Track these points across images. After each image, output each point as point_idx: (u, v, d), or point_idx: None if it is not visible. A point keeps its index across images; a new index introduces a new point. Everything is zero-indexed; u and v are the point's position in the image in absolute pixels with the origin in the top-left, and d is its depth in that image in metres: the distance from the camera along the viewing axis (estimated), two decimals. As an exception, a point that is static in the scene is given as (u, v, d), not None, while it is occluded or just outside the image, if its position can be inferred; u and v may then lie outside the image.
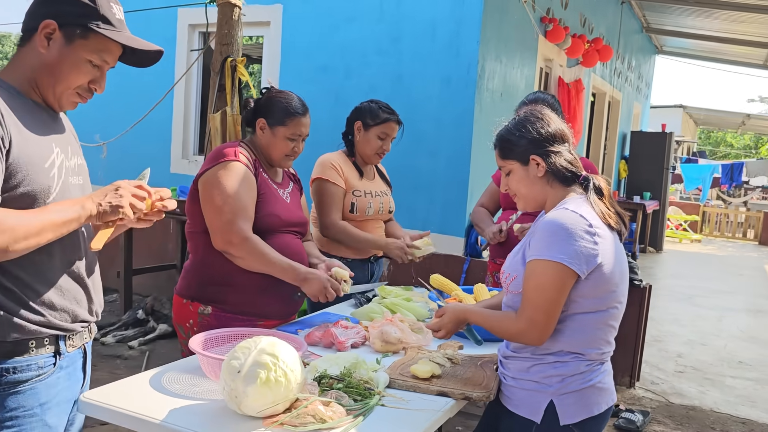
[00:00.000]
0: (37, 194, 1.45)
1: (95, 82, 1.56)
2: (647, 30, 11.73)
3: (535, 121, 1.83)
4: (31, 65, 1.51)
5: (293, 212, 2.41)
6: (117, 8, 1.55)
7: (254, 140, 2.41)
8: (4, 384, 1.45)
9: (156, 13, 5.64)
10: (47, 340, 1.51)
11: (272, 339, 1.60)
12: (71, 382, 1.62)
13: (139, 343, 4.83)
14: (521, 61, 5.69)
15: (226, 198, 2.17)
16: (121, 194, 1.50)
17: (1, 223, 1.33)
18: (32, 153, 1.44)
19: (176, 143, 6.13)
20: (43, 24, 1.47)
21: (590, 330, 1.74)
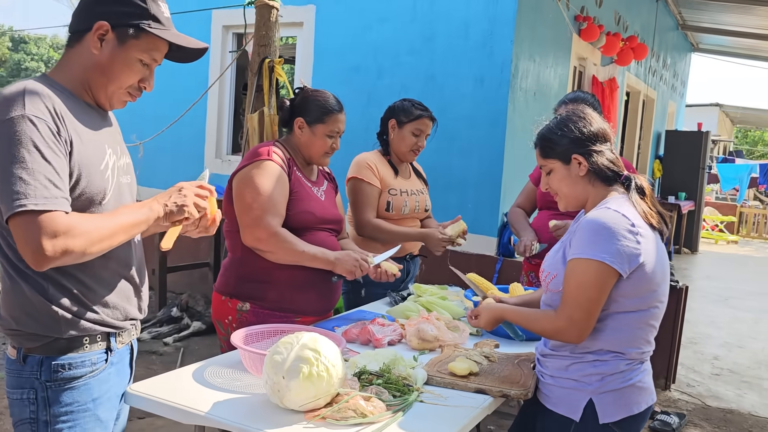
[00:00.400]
0: (94, 196, 1.48)
1: (145, 81, 1.59)
2: (683, 27, 11.52)
3: (577, 120, 1.82)
4: (83, 66, 1.53)
5: (328, 210, 2.44)
6: (164, 6, 1.57)
7: (290, 139, 2.45)
8: (60, 380, 1.49)
9: (191, 15, 5.74)
10: (99, 336, 1.55)
11: (314, 334, 1.63)
12: (120, 378, 1.66)
13: (173, 339, 4.91)
14: (555, 60, 5.64)
15: (256, 196, 2.22)
16: (184, 194, 1.56)
17: (77, 227, 1.37)
18: (89, 155, 1.48)
19: (210, 143, 6.23)
20: (97, 25, 1.49)
21: (631, 329, 1.74)
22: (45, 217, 1.33)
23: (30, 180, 1.33)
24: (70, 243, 1.35)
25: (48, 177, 1.35)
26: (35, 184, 1.33)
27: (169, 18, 1.58)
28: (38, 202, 1.33)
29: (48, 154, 1.36)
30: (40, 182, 1.34)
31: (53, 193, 1.35)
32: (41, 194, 1.34)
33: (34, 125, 1.36)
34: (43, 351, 1.48)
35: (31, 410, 1.49)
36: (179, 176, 6.77)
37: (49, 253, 1.33)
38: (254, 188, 2.23)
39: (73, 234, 1.36)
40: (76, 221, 1.38)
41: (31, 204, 1.32)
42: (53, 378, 1.48)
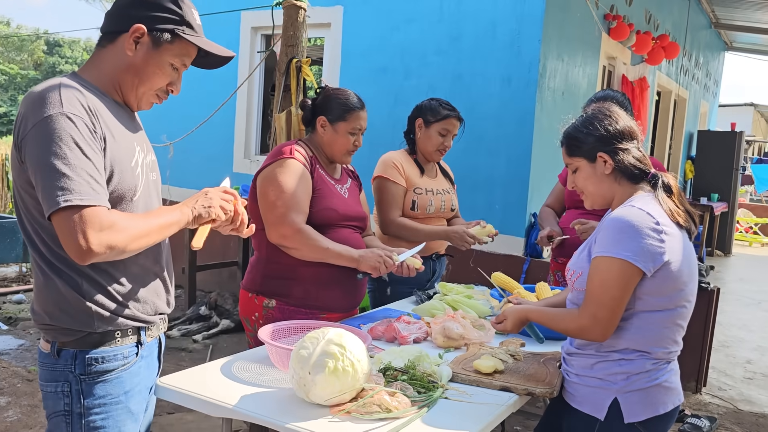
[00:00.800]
0: (125, 193, 1.52)
1: (173, 84, 1.64)
2: (716, 25, 11.31)
3: (603, 118, 1.81)
4: (115, 66, 1.56)
5: (351, 207, 2.46)
6: (196, 14, 1.63)
7: (312, 138, 2.48)
8: (93, 373, 1.53)
9: (220, 16, 5.82)
10: (130, 330, 1.58)
11: (339, 330, 1.64)
12: (149, 371, 1.70)
13: (203, 337, 4.99)
14: (584, 59, 5.59)
15: (280, 194, 2.25)
16: (210, 197, 1.62)
17: (119, 223, 1.41)
18: (122, 152, 1.51)
19: (238, 143, 6.30)
20: (134, 28, 1.52)
21: (657, 328, 1.72)
22: (90, 211, 1.36)
23: (73, 176, 1.36)
24: (114, 238, 1.39)
25: (89, 173, 1.38)
26: (78, 179, 1.36)
27: (200, 25, 1.63)
28: (83, 197, 1.36)
29: (87, 150, 1.39)
30: (82, 178, 1.37)
31: (95, 188, 1.39)
32: (85, 190, 1.37)
33: (73, 122, 1.39)
34: (76, 345, 1.52)
35: (65, 402, 1.53)
36: (208, 176, 6.90)
37: (95, 247, 1.36)
38: (278, 186, 2.26)
39: (116, 229, 1.40)
40: (117, 217, 1.42)
41: (76, 199, 1.35)
42: (87, 371, 1.52)
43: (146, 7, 1.54)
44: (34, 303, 1.56)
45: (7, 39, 31.68)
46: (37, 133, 1.38)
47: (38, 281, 1.54)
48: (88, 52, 32.77)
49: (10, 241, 7.08)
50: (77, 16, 38.69)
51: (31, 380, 3.96)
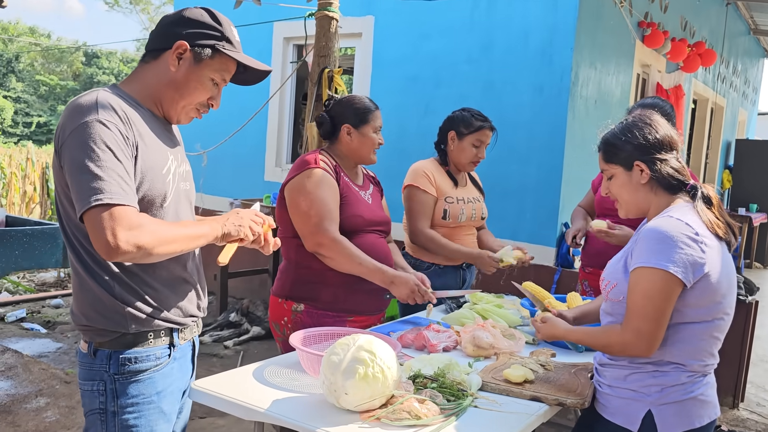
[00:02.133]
0: (155, 198, 1.57)
1: (213, 99, 1.70)
2: (755, 32, 11.08)
3: (642, 126, 1.79)
4: (157, 80, 1.63)
5: (375, 212, 2.49)
6: (235, 31, 1.70)
7: (334, 147, 2.51)
8: (127, 373, 1.59)
9: (253, 27, 5.91)
10: (163, 332, 1.64)
11: (369, 337, 1.66)
12: (182, 373, 1.74)
13: (234, 343, 5.04)
14: (617, 67, 5.53)
15: (311, 203, 2.28)
16: (241, 217, 1.68)
17: (148, 225, 1.46)
18: (153, 160, 1.57)
19: (270, 152, 6.38)
20: (177, 44, 1.60)
21: (694, 341, 1.69)
22: (121, 209, 1.42)
23: (105, 176, 1.42)
24: (142, 238, 1.43)
25: (119, 174, 1.45)
26: (110, 180, 1.42)
27: (239, 42, 1.70)
28: (113, 196, 1.41)
29: (119, 154, 1.46)
30: (113, 179, 1.43)
31: (125, 189, 1.45)
32: (115, 189, 1.42)
33: (107, 127, 1.46)
34: (111, 345, 1.58)
35: (101, 401, 1.59)
36: (241, 184, 6.99)
37: (122, 244, 1.41)
38: (308, 196, 2.30)
39: (145, 230, 1.44)
40: (147, 220, 1.48)
41: (107, 198, 1.41)
42: (120, 371, 1.58)
43: (188, 25, 1.62)
44: (73, 305, 1.62)
45: (48, 51, 32.63)
46: (74, 138, 1.45)
47: (75, 284, 1.60)
48: (125, 63, 33.55)
49: (50, 246, 7.27)
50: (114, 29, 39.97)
51: (69, 382, 4.05)
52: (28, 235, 7.12)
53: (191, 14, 1.64)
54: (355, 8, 5.60)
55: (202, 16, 1.64)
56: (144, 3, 29.84)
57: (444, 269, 2.91)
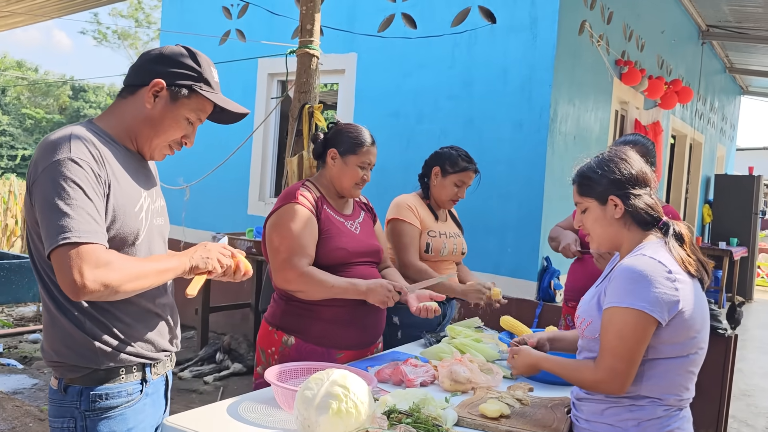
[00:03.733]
0: (127, 237, 1.58)
1: (187, 137, 1.72)
2: (730, 70, 11.38)
3: (618, 161, 1.81)
4: (133, 117, 1.64)
5: (363, 242, 2.48)
6: (215, 72, 1.71)
7: (322, 175, 2.52)
8: (98, 410, 1.57)
9: (239, 63, 5.99)
10: (135, 367, 1.63)
11: (344, 371, 1.65)
12: (155, 408, 1.72)
13: (213, 378, 4.98)
14: (595, 104, 5.65)
15: (282, 239, 2.30)
16: (209, 249, 1.69)
17: (116, 262, 1.46)
18: (126, 198, 1.58)
19: (254, 186, 6.39)
20: (154, 82, 1.61)
21: (670, 376, 1.69)
22: (88, 248, 1.42)
23: (74, 215, 1.42)
24: (109, 276, 1.43)
25: (89, 213, 1.45)
26: (78, 218, 1.43)
27: (218, 83, 1.72)
28: (81, 234, 1.41)
29: (90, 192, 1.46)
30: (82, 217, 1.43)
31: (94, 228, 1.45)
32: (84, 228, 1.43)
33: (79, 166, 1.46)
34: (82, 381, 1.57)
35: None
36: (224, 218, 6.98)
37: (89, 283, 1.41)
38: (281, 232, 2.31)
39: (112, 268, 1.44)
40: (115, 257, 1.48)
41: (74, 237, 1.41)
42: (91, 407, 1.56)
43: (167, 64, 1.63)
44: (44, 341, 1.61)
45: (35, 84, 32.67)
46: (45, 176, 1.45)
47: (46, 319, 1.59)
48: (112, 97, 33.59)
49: (28, 281, 7.18)
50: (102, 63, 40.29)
51: (43, 420, 3.96)
52: (5, 269, 7.03)
53: (171, 53, 1.65)
54: (338, 45, 5.69)
55: (182, 55, 1.65)
56: (132, 38, 30.08)
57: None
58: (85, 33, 37.38)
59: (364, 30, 5.56)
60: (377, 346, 2.59)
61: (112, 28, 28.54)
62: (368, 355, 2.51)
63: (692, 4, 8.03)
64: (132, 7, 27.67)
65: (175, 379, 4.90)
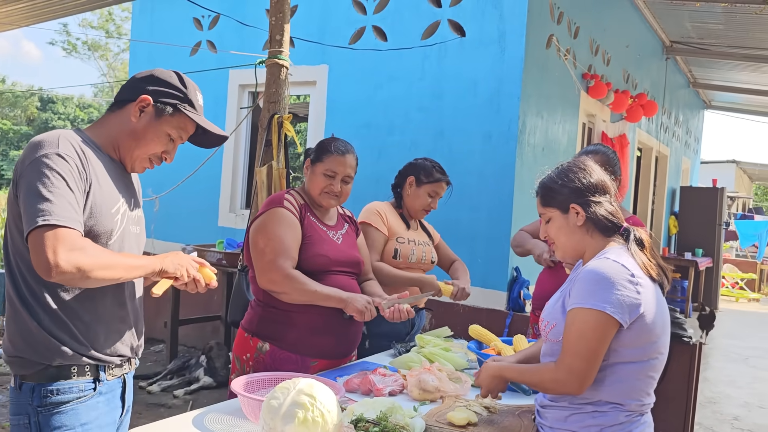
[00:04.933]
0: (101, 234, 1.65)
1: (167, 153, 1.83)
2: (694, 85, 11.67)
3: (577, 171, 1.86)
4: (118, 128, 1.76)
5: (344, 252, 2.50)
6: (200, 96, 1.84)
7: (304, 187, 2.57)
8: (49, 405, 1.62)
9: (209, 74, 5.96)
10: (87, 368, 1.67)
11: (310, 380, 1.64)
12: (110, 408, 1.75)
13: (183, 392, 4.90)
14: (563, 116, 5.74)
15: (268, 241, 2.33)
16: (181, 257, 1.77)
17: (90, 248, 1.55)
18: (104, 198, 1.67)
19: (224, 197, 6.35)
20: (141, 98, 1.74)
21: (631, 380, 1.72)
22: (65, 231, 1.51)
23: (55, 200, 1.52)
24: (82, 260, 1.51)
25: (69, 202, 1.55)
26: (59, 204, 1.52)
27: (201, 107, 1.84)
28: (60, 218, 1.50)
29: (72, 185, 1.56)
30: (62, 204, 1.53)
31: (73, 215, 1.54)
32: (63, 213, 1.52)
33: (64, 160, 1.57)
34: (34, 378, 1.62)
35: None
36: (194, 230, 6.90)
37: (62, 263, 1.48)
38: (266, 234, 2.35)
39: (86, 253, 1.52)
40: (89, 244, 1.56)
41: (54, 219, 1.50)
42: (43, 403, 1.61)
43: (155, 83, 1.77)
44: (5, 334, 1.67)
45: (2, 95, 32.07)
46: (31, 168, 1.56)
47: (9, 313, 1.66)
48: (81, 108, 33.12)
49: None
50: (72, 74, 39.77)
51: None
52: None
53: (161, 74, 1.79)
54: (309, 57, 5.71)
55: (171, 77, 1.78)
56: (102, 49, 29.74)
57: (393, 313, 2.92)
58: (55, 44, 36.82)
59: (335, 42, 5.59)
60: (351, 357, 2.59)
61: (82, 38, 28.19)
62: (343, 365, 2.51)
63: (656, 20, 8.24)
64: (102, 18, 27.40)
65: (144, 394, 4.81)
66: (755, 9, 6.40)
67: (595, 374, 1.68)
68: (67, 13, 7.30)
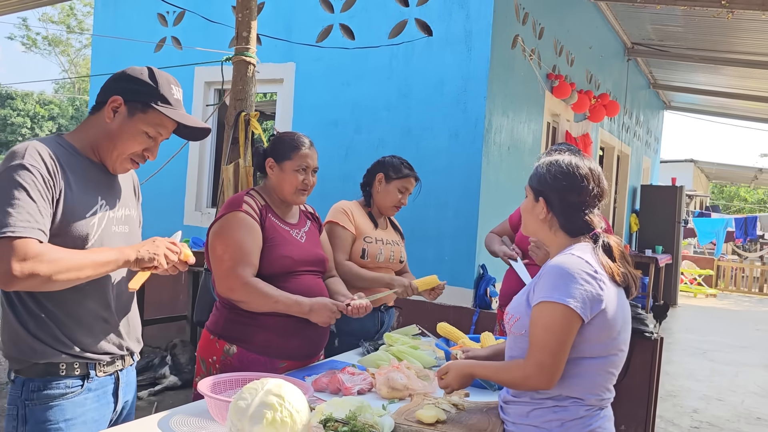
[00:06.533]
0: (76, 239, 1.67)
1: (149, 151, 1.82)
2: (654, 86, 11.93)
3: (569, 175, 1.83)
4: (95, 131, 1.78)
5: (308, 251, 2.47)
6: (177, 90, 1.83)
7: (265, 186, 2.51)
8: (35, 399, 1.67)
9: (174, 70, 5.86)
10: (76, 365, 1.71)
11: (278, 380, 1.63)
12: (100, 404, 1.78)
13: (148, 393, 4.83)
14: (528, 116, 5.81)
15: (226, 248, 2.28)
16: (157, 245, 1.77)
17: (47, 254, 1.55)
18: (78, 204, 1.68)
19: (190, 196, 6.26)
20: (112, 99, 1.75)
21: (591, 375, 1.75)
22: (19, 242, 1.53)
23: (14, 213, 1.55)
24: (37, 267, 1.53)
25: (29, 211, 1.57)
26: (17, 216, 1.55)
27: (179, 100, 1.83)
28: (16, 230, 1.53)
29: (34, 194, 1.58)
30: (21, 215, 1.55)
31: (31, 224, 1.56)
32: (21, 225, 1.54)
33: (28, 171, 1.59)
34: (24, 373, 1.68)
35: (13, 425, 1.68)
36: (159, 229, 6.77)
37: (17, 274, 1.52)
38: (224, 240, 2.29)
39: (41, 260, 1.54)
40: (47, 249, 1.57)
41: (10, 231, 1.53)
42: (30, 397, 1.67)
43: (126, 82, 1.77)
44: (1, 332, 1.74)
45: (-45, 90, 31.04)
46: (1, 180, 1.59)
47: (2, 313, 1.72)
48: (42, 105, 32.25)
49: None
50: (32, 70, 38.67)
51: None
52: None
53: (132, 72, 1.79)
54: (276, 55, 5.67)
55: (142, 74, 1.78)
56: (64, 45, 29.00)
57: (362, 311, 2.91)
58: (13, 38, 35.84)
59: (302, 40, 5.56)
60: (319, 357, 2.58)
61: (42, 33, 27.47)
62: (310, 364, 2.49)
63: (618, 22, 8.39)
64: (63, 12, 26.73)
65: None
66: (713, 12, 6.57)
67: (563, 368, 1.71)
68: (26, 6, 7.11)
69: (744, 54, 8.61)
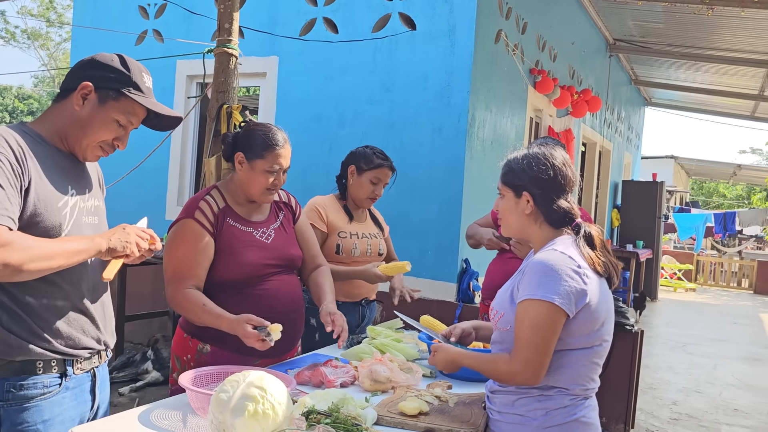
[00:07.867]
0: (49, 229, 1.62)
1: (119, 140, 1.79)
2: (636, 82, 12.03)
3: (544, 162, 1.84)
4: (62, 118, 1.71)
5: (274, 251, 2.34)
6: (147, 78, 1.79)
7: (230, 181, 2.38)
8: (11, 400, 1.60)
9: (156, 63, 5.80)
10: (54, 362, 1.66)
11: (260, 373, 1.63)
12: (78, 403, 1.74)
13: (129, 389, 4.79)
14: (511, 110, 5.83)
15: (170, 258, 2.25)
16: (128, 233, 1.73)
17: (17, 242, 1.49)
18: (47, 193, 1.62)
19: (172, 190, 6.21)
20: (82, 85, 1.69)
21: (576, 366, 1.76)
22: None
23: None
24: (8, 255, 1.47)
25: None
26: None
27: (150, 88, 1.81)
28: None
29: (2, 181, 1.52)
30: None
31: (0, 211, 1.49)
32: None
33: None
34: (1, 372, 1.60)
35: None
36: (139, 223, 6.63)
37: None
38: (170, 250, 2.26)
39: (12, 248, 1.48)
40: (17, 238, 1.51)
41: None
42: (6, 398, 1.60)
43: (96, 68, 1.72)
44: None
45: (-69, 84, 30.46)
46: None
47: None
48: (20, 99, 31.78)
49: None
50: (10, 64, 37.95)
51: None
52: None
53: (102, 58, 1.73)
54: (259, 48, 5.63)
55: (113, 61, 1.73)
56: (43, 38, 28.56)
57: (343, 305, 2.90)
58: (-10, 31, 35.20)
59: (285, 33, 5.52)
60: (296, 350, 2.55)
61: (21, 27, 27.02)
62: (290, 358, 2.47)
63: (600, 18, 8.45)
64: (43, 6, 26.31)
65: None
66: (694, 9, 6.63)
67: (548, 364, 1.72)
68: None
69: (723, 51, 8.72)
